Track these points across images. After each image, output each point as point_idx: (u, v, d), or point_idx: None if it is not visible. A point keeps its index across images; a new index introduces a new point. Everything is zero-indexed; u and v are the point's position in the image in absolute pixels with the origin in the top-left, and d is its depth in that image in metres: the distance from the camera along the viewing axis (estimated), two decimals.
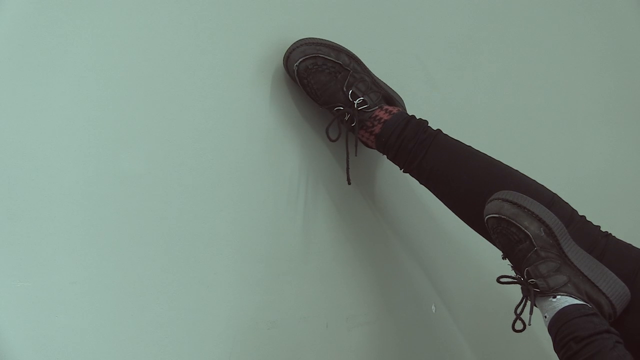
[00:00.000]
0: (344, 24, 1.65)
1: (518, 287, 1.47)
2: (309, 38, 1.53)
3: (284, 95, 1.57)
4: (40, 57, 1.26)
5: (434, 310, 1.81)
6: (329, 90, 1.55)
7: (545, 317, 1.41)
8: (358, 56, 1.58)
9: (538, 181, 1.55)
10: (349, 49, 1.57)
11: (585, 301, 1.39)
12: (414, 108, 1.65)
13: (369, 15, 1.71)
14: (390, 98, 1.60)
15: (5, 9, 1.23)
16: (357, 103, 1.54)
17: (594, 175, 2.15)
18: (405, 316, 1.78)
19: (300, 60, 1.51)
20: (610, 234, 1.51)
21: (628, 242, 1.51)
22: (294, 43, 1.52)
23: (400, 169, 1.59)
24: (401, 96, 1.65)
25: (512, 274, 1.47)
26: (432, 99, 1.78)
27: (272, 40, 1.55)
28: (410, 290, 1.79)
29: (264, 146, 1.55)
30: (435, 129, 1.57)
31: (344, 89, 1.54)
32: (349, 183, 1.60)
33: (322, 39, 1.54)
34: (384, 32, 1.73)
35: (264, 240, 1.57)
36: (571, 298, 1.39)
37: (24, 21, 1.25)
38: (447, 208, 1.60)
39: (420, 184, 1.60)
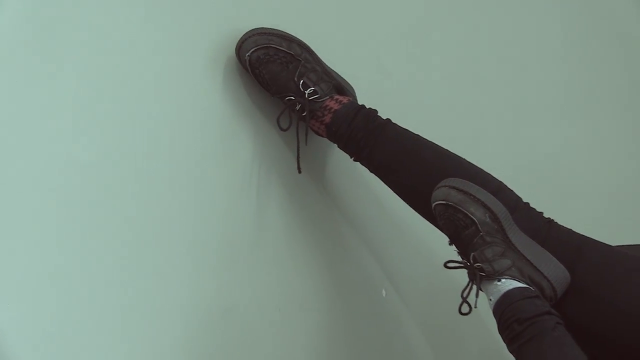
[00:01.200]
0: (296, 13, 1.66)
1: (464, 271, 1.49)
2: (261, 28, 1.55)
3: (236, 84, 1.59)
4: None
5: (384, 295, 1.82)
6: (281, 80, 1.56)
7: (490, 299, 1.43)
8: (310, 46, 1.60)
9: (485, 169, 1.57)
10: (300, 38, 1.59)
11: (528, 284, 1.42)
12: (365, 97, 1.67)
13: (321, 4, 1.73)
14: (341, 87, 1.62)
15: None
16: (308, 93, 1.55)
17: (538, 163, 2.17)
18: (356, 301, 1.80)
19: (252, 50, 1.53)
20: (552, 220, 1.55)
21: (569, 227, 1.55)
22: (246, 33, 1.53)
23: (351, 158, 1.61)
24: (352, 85, 1.67)
25: (459, 258, 1.50)
26: (383, 88, 1.79)
27: (224, 30, 1.56)
28: (360, 276, 1.80)
29: (217, 135, 1.57)
30: (385, 118, 1.60)
31: (295, 79, 1.56)
32: (300, 172, 1.62)
33: (273, 29, 1.56)
34: (336, 21, 1.75)
35: (218, 227, 1.58)
36: (515, 281, 1.42)
37: None
38: (396, 195, 1.62)
39: (370, 172, 1.62)
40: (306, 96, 1.56)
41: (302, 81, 1.56)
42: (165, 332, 1.52)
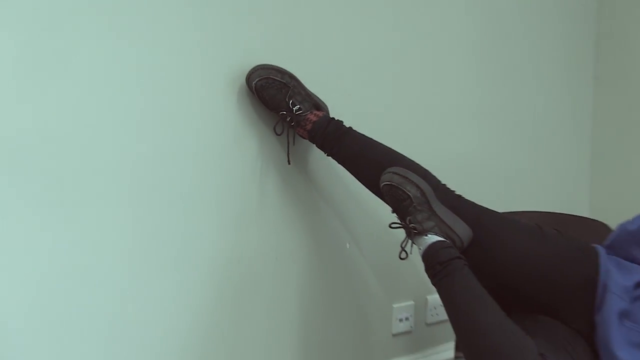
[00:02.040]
0: (288, 54, 1.73)
1: (403, 230, 1.61)
2: (263, 64, 1.65)
3: (246, 103, 1.67)
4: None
5: (348, 247, 1.93)
6: (276, 100, 1.66)
7: (420, 249, 1.56)
8: (297, 76, 1.69)
9: (416, 161, 1.69)
10: (290, 71, 1.68)
11: (445, 238, 1.55)
12: (334, 112, 1.76)
13: (304, 49, 1.79)
14: (318, 105, 1.72)
15: None
16: (295, 109, 1.67)
17: (452, 156, 2.19)
18: (328, 251, 1.89)
19: (257, 80, 1.63)
20: (461, 195, 1.69)
21: (472, 200, 1.68)
22: (253, 68, 1.63)
23: (325, 154, 1.73)
24: (326, 103, 1.75)
25: (399, 222, 1.61)
26: (346, 106, 1.81)
27: (239, 66, 1.64)
28: (331, 233, 1.90)
29: (234, 137, 1.65)
30: (348, 126, 1.72)
31: (287, 100, 1.66)
32: (289, 163, 1.74)
33: (272, 65, 1.65)
34: (313, 60, 1.80)
35: (233, 201, 1.67)
36: (436, 236, 1.55)
37: None
38: (356, 179, 1.74)
39: (338, 163, 1.74)
40: (294, 111, 1.67)
41: (291, 101, 1.67)
42: (195, 276, 1.61)
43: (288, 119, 1.69)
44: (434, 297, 2.04)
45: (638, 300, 1.54)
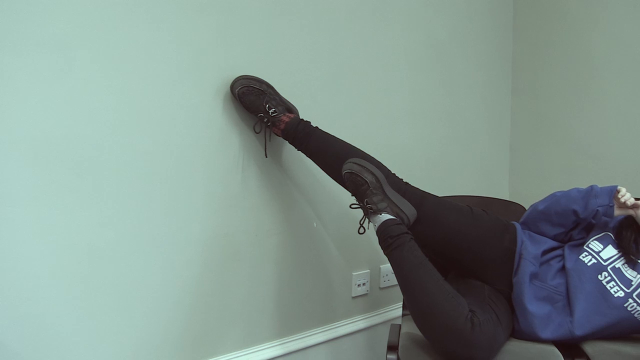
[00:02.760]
0: (266, 68, 1.72)
1: (361, 210, 1.61)
2: (245, 75, 1.66)
3: (230, 107, 1.66)
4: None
5: (315, 225, 1.93)
6: (255, 104, 1.66)
7: (375, 225, 1.55)
8: (272, 85, 1.69)
9: (371, 154, 1.68)
10: (267, 80, 1.68)
11: (395, 217, 1.55)
12: (303, 114, 1.78)
13: (279, 63, 1.77)
14: (290, 109, 1.72)
15: None
16: (271, 112, 1.66)
17: (399, 151, 2.18)
18: (299, 228, 1.88)
19: (239, 88, 1.63)
20: (407, 182, 1.69)
21: (416, 186, 1.69)
22: (236, 78, 1.64)
23: (296, 149, 1.73)
24: (296, 107, 1.76)
25: (358, 203, 1.60)
26: (313, 109, 1.84)
27: (224, 77, 1.64)
28: (301, 214, 1.89)
29: (220, 135, 1.65)
30: (315, 126, 1.72)
31: (264, 104, 1.66)
32: (266, 156, 1.75)
33: (252, 76, 1.66)
34: (286, 72, 1.79)
35: (222, 187, 1.66)
36: (388, 215, 1.54)
37: None
38: (321, 170, 1.73)
39: (307, 157, 1.73)
40: (270, 114, 1.67)
41: (267, 105, 1.66)
42: (187, 250, 1.60)
43: (265, 120, 1.69)
44: (386, 266, 2.12)
45: (544, 265, 1.59)
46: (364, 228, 1.62)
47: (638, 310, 1.45)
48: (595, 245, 1.57)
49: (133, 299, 1.49)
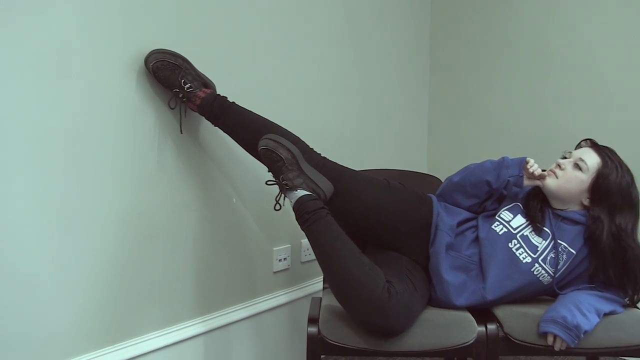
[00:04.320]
0: (181, 41, 1.68)
1: (277, 186, 1.61)
2: (159, 48, 1.61)
3: (144, 82, 1.62)
4: None
5: (234, 201, 1.92)
6: (171, 79, 1.62)
7: (292, 202, 1.57)
8: (188, 59, 1.66)
9: (289, 130, 1.69)
10: (183, 54, 1.64)
11: (312, 192, 1.56)
12: (220, 90, 1.75)
13: (196, 36, 1.74)
14: (207, 84, 1.70)
15: None
16: (187, 87, 1.64)
17: (318, 127, 2.21)
18: (219, 205, 1.87)
19: (154, 62, 1.59)
20: (326, 157, 1.71)
21: (334, 161, 1.71)
22: (150, 52, 1.59)
23: (213, 124, 1.72)
24: (214, 82, 1.72)
25: (274, 179, 1.61)
26: (231, 84, 1.81)
27: (137, 50, 1.59)
28: (220, 190, 1.87)
29: (134, 111, 1.59)
30: (232, 101, 1.71)
31: (179, 79, 1.63)
32: (182, 132, 1.71)
33: (166, 49, 1.61)
34: (203, 46, 1.76)
35: (138, 164, 1.61)
36: (305, 191, 1.56)
37: None
38: (238, 145, 1.73)
39: (224, 132, 1.73)
40: (185, 89, 1.64)
41: (183, 80, 1.63)
42: (99, 231, 1.54)
43: (180, 96, 1.66)
44: (307, 241, 2.05)
45: (459, 235, 1.66)
46: (280, 204, 1.63)
47: (543, 274, 1.55)
48: (506, 215, 1.65)
49: (43, 284, 1.43)
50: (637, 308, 1.59)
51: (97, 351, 1.56)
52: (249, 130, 1.68)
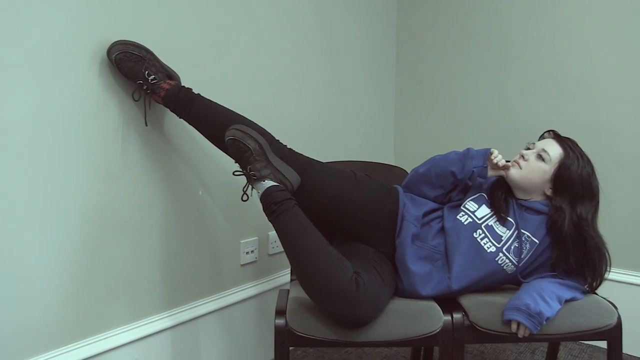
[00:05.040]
0: (145, 33, 1.66)
1: (244, 177, 1.62)
2: (122, 40, 1.59)
3: (107, 74, 1.59)
4: None
5: (200, 194, 1.91)
6: (134, 71, 1.60)
7: (259, 192, 1.56)
8: (152, 50, 1.64)
9: (254, 121, 1.68)
10: (146, 46, 1.63)
11: (279, 183, 1.56)
12: (185, 81, 1.75)
13: (160, 28, 1.72)
14: (171, 75, 1.68)
15: None
16: (151, 79, 1.62)
17: (285, 118, 2.22)
18: (185, 198, 1.86)
19: (116, 53, 1.56)
20: (292, 149, 1.71)
21: (301, 152, 1.71)
22: (112, 43, 1.57)
23: (178, 117, 1.70)
24: (178, 74, 1.72)
25: (241, 170, 1.60)
26: (196, 75, 1.81)
27: (99, 41, 1.56)
28: (186, 183, 1.85)
29: (97, 104, 1.57)
30: (197, 93, 1.69)
31: (143, 71, 1.61)
32: (146, 125, 1.70)
33: (129, 41, 1.59)
34: (168, 37, 1.74)
35: (101, 157, 1.58)
36: (272, 182, 1.56)
37: None
38: (204, 137, 1.71)
39: (189, 124, 1.71)
40: (149, 81, 1.62)
41: (147, 72, 1.61)
42: (63, 225, 1.52)
43: (144, 87, 1.64)
44: (275, 233, 2.05)
45: (425, 226, 1.67)
46: (247, 195, 1.62)
47: (507, 263, 1.58)
48: (471, 205, 1.67)
49: (3, 280, 1.41)
50: (596, 294, 1.63)
51: (60, 348, 1.54)
52: (214, 122, 1.66)
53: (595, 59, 2.38)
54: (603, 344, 1.61)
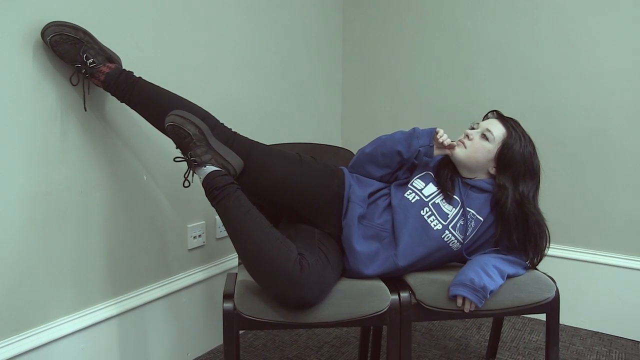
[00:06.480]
0: (82, 12, 1.61)
1: (185, 163, 1.59)
2: (57, 21, 1.53)
3: (43, 56, 1.54)
4: None
5: (145, 179, 1.88)
6: (71, 54, 1.55)
7: (201, 178, 1.55)
8: (91, 32, 1.59)
9: (199, 105, 1.66)
10: (84, 27, 1.57)
11: (221, 168, 1.55)
12: (127, 64, 1.71)
13: (99, 9, 1.66)
14: (111, 58, 1.64)
15: None
16: (89, 62, 1.57)
17: (229, 101, 2.18)
18: (128, 183, 1.82)
19: (51, 35, 1.51)
20: (237, 132, 1.69)
21: (246, 135, 1.69)
22: (46, 25, 1.51)
23: (119, 100, 1.66)
24: (119, 56, 1.67)
25: (182, 156, 1.57)
26: (137, 59, 1.77)
27: (32, 22, 1.50)
28: (129, 168, 1.82)
29: (32, 87, 1.52)
30: (138, 76, 1.66)
31: (80, 54, 1.56)
32: (85, 110, 1.65)
33: (65, 22, 1.54)
34: (107, 18, 1.69)
35: (40, 143, 1.54)
36: (214, 167, 1.54)
37: None
38: (146, 120, 1.68)
39: (131, 108, 1.67)
40: (88, 64, 1.57)
41: (85, 55, 1.57)
42: (6, 211, 1.48)
43: (83, 71, 1.60)
44: None
45: (371, 205, 1.68)
46: (188, 181, 1.60)
47: (452, 240, 1.61)
48: (418, 183, 1.70)
49: None
50: (537, 270, 1.68)
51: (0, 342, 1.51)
52: (156, 106, 1.63)
53: (536, 41, 2.43)
54: (543, 317, 1.66)
